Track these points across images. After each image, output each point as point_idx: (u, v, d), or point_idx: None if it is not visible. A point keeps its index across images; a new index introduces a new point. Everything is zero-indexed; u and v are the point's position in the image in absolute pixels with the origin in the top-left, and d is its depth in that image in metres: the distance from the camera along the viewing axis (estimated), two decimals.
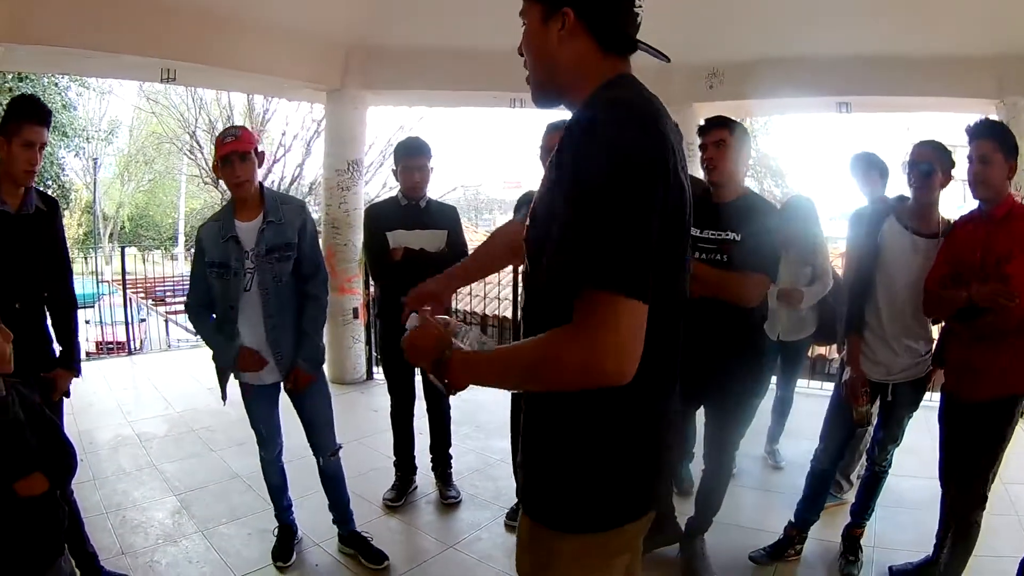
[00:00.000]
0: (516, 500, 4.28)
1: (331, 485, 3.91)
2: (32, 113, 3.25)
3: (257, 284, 3.53)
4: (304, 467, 3.95)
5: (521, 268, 3.60)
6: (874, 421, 3.85)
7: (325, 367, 3.94)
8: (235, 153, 3.44)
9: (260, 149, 3.60)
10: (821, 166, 47.60)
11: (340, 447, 3.91)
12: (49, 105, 3.68)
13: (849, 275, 3.93)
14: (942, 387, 3.35)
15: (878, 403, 3.68)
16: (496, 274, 8.13)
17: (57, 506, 2.39)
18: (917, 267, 3.40)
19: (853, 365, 3.60)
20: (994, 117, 6.28)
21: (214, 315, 3.65)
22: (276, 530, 3.95)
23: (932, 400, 3.58)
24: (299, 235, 3.62)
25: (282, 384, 3.71)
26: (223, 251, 3.51)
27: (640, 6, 1.63)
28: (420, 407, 4.73)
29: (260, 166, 3.65)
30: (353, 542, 3.94)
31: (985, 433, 3.11)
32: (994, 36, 6.35)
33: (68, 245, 3.79)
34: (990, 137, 3.09)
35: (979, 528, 3.23)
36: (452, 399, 4.64)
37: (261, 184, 3.66)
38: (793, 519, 3.94)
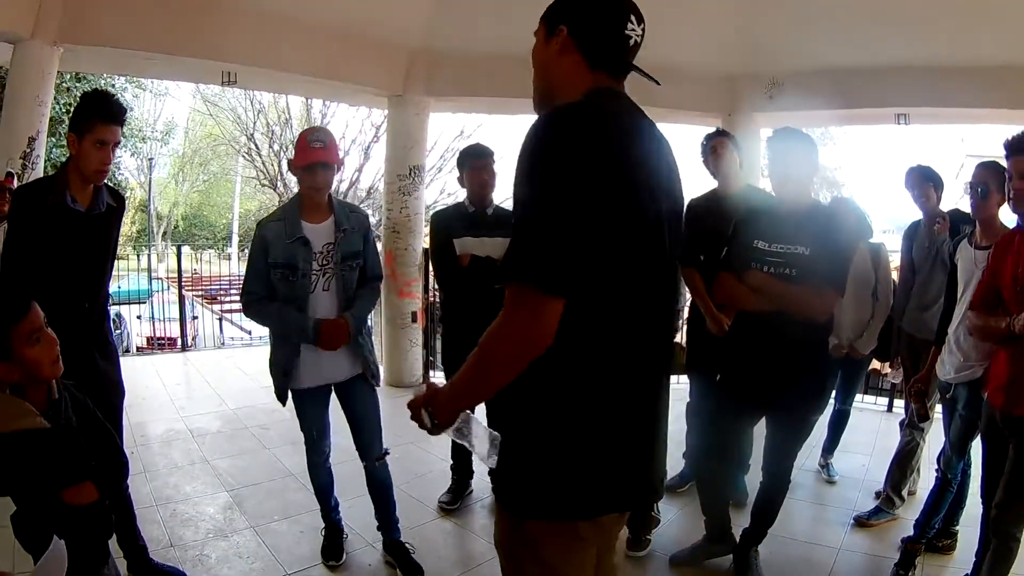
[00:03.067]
0: None
1: (377, 491, 3.86)
2: (105, 111, 3.24)
3: (334, 291, 3.53)
4: (358, 468, 3.92)
5: None
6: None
7: (382, 369, 3.92)
8: (320, 163, 3.43)
9: (341, 158, 3.59)
10: (878, 177, 46.91)
11: (387, 452, 3.86)
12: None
13: (905, 286, 4.30)
14: (986, 402, 3.29)
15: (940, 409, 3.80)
16: None
17: (105, 514, 2.38)
18: (978, 279, 3.44)
19: (928, 369, 3.81)
20: None
21: None
22: (323, 529, 3.94)
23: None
24: (364, 243, 3.64)
25: (333, 388, 3.70)
26: (290, 252, 3.45)
27: (634, 31, 1.78)
28: (478, 410, 4.67)
29: (338, 172, 3.67)
30: (394, 551, 3.88)
31: None
32: None
33: (121, 243, 3.82)
34: None
35: (1020, 545, 3.15)
36: None
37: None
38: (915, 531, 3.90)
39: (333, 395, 3.74)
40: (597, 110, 1.67)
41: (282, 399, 3.64)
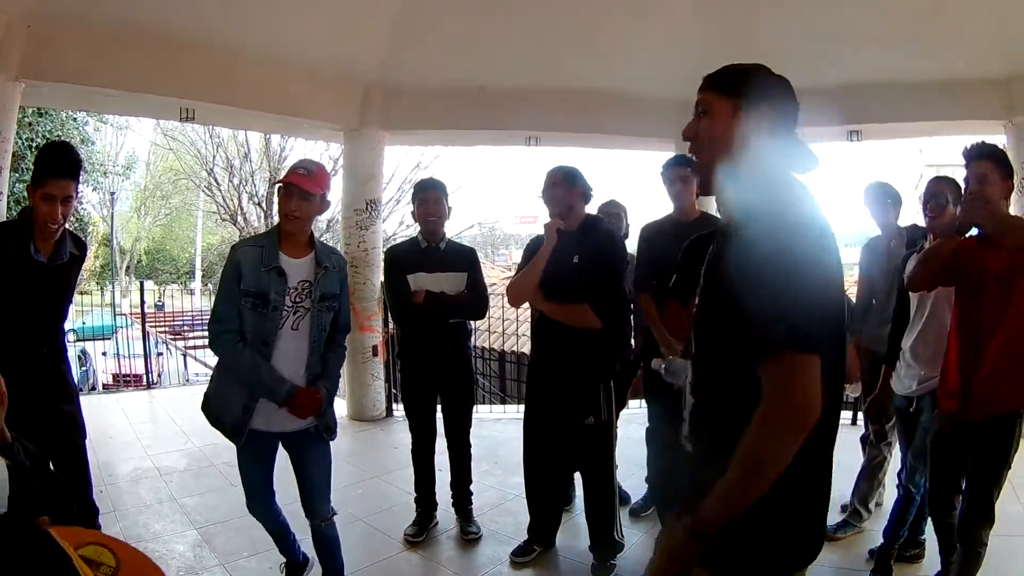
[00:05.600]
0: (526, 538, 4.36)
1: (324, 549, 3.62)
2: (55, 166, 3.24)
3: (305, 330, 3.32)
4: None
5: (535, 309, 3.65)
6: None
7: (344, 404, 3.86)
8: (297, 188, 3.22)
9: (327, 197, 3.41)
10: (837, 191, 47.51)
11: (335, 514, 3.63)
12: (66, 140, 3.66)
13: (862, 303, 4.38)
14: (936, 412, 3.40)
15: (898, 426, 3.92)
16: (514, 310, 8.15)
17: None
18: (933, 292, 3.60)
19: (884, 388, 3.90)
20: (1002, 138, 6.36)
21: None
22: (283, 564, 3.80)
23: None
24: (340, 287, 3.48)
25: (281, 439, 3.47)
26: (263, 281, 3.23)
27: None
28: (440, 444, 4.76)
29: (320, 213, 3.45)
30: None
31: (990, 451, 3.12)
32: (1002, 58, 6.46)
33: (85, 278, 3.81)
34: (988, 158, 3.17)
35: (986, 548, 3.24)
36: (473, 437, 4.69)
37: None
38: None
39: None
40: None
41: (238, 437, 3.36)
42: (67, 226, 3.46)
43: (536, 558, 4.31)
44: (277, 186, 3.46)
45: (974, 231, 3.23)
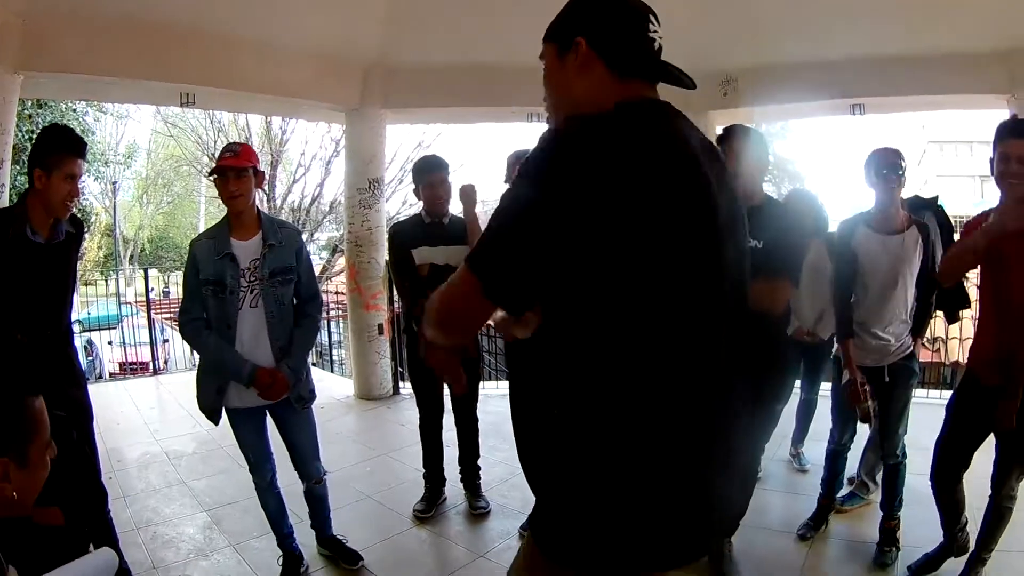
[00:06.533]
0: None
1: (314, 504, 3.96)
2: (73, 146, 3.30)
3: (262, 307, 3.51)
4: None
5: None
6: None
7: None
8: (230, 169, 3.43)
9: (260, 168, 3.59)
10: (839, 168, 47.41)
11: (326, 474, 3.92)
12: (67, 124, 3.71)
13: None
14: (965, 376, 3.40)
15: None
16: None
17: (72, 541, 2.47)
18: (887, 264, 3.68)
19: (850, 368, 3.79)
20: (1005, 112, 6.32)
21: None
22: (280, 558, 3.90)
23: (942, 397, 3.62)
24: (296, 259, 3.64)
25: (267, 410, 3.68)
26: (218, 268, 3.46)
27: (656, 32, 1.64)
28: (448, 420, 4.77)
29: (259, 185, 3.65)
30: (329, 545, 4.03)
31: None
32: (1004, 31, 6.37)
33: (89, 268, 3.83)
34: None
35: (1014, 503, 3.29)
36: (480, 412, 4.68)
37: (258, 208, 3.69)
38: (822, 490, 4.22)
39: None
40: (618, 127, 1.48)
41: (215, 417, 3.61)
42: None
43: None
44: (212, 177, 3.56)
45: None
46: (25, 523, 2.25)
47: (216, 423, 3.62)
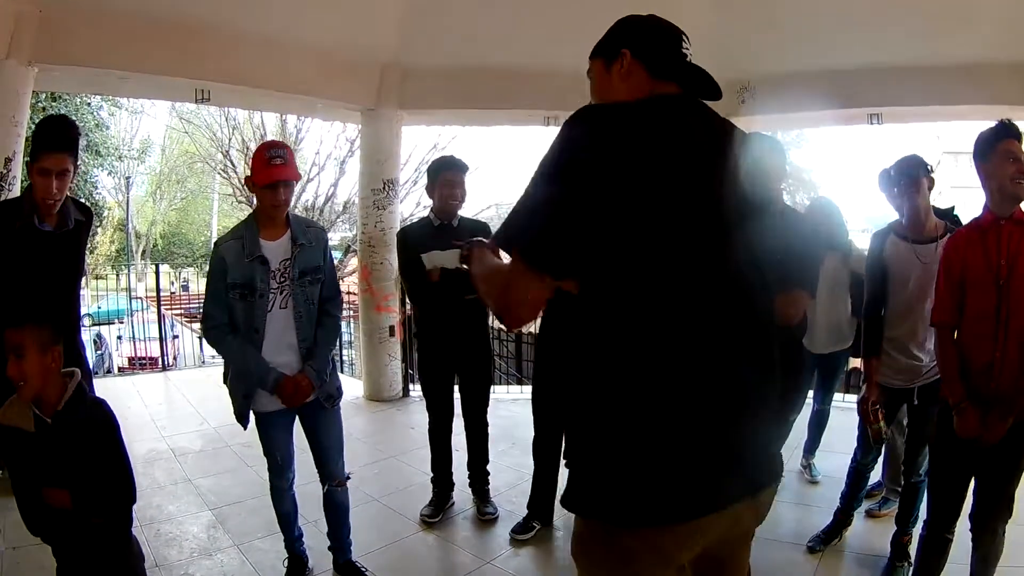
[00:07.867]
0: (525, 514, 4.45)
1: (334, 513, 3.80)
2: (49, 140, 3.25)
3: (291, 308, 3.44)
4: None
5: None
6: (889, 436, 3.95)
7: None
8: (283, 182, 3.34)
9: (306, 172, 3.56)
10: (855, 176, 47.24)
11: (348, 477, 3.82)
12: (81, 125, 3.67)
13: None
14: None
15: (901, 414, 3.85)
16: None
17: (85, 527, 2.66)
18: (921, 274, 3.54)
19: (868, 385, 3.75)
20: (1020, 123, 6.29)
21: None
22: (286, 560, 3.84)
23: None
24: (323, 258, 3.61)
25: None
26: (247, 272, 3.35)
27: (688, 49, 1.84)
28: (457, 424, 4.74)
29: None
30: (347, 571, 3.85)
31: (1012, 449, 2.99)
32: (1022, 42, 6.34)
33: (100, 263, 3.82)
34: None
35: (1004, 537, 3.17)
36: (490, 417, 4.65)
37: None
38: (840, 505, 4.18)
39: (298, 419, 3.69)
40: (635, 109, 1.67)
41: (243, 421, 3.56)
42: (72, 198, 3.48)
43: (536, 535, 4.38)
44: (254, 185, 3.44)
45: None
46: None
47: (245, 427, 3.57)
